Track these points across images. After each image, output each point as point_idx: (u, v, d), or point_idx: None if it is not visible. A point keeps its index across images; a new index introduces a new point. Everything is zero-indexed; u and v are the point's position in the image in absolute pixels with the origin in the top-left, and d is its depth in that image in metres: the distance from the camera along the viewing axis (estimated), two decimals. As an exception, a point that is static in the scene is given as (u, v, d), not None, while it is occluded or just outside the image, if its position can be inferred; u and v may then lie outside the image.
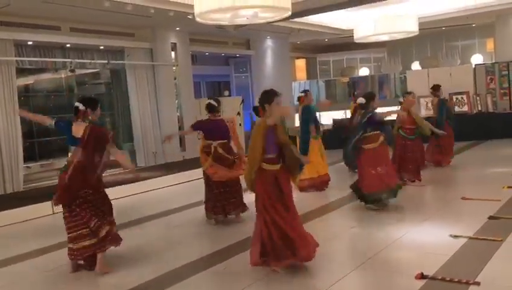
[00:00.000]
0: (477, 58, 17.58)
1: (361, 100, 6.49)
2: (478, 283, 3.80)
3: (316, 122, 8.06)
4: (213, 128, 6.32)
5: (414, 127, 7.71)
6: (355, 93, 10.15)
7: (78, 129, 4.72)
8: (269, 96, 4.42)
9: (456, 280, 3.89)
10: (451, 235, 5.01)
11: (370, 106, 6.39)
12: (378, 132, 6.36)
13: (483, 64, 14.53)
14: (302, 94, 8.10)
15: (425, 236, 5.20)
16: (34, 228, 7.12)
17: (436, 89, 9.44)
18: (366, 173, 6.37)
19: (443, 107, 9.30)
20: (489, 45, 17.71)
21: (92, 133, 4.69)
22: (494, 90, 13.37)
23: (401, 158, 7.62)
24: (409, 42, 16.98)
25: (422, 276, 3.98)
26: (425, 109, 12.92)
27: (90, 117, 4.82)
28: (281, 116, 4.49)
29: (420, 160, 7.98)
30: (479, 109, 13.18)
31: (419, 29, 12.28)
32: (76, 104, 4.82)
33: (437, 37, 18.32)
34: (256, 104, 4.55)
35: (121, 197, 8.70)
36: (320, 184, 8.01)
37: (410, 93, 8.03)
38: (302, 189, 7.60)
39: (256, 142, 4.36)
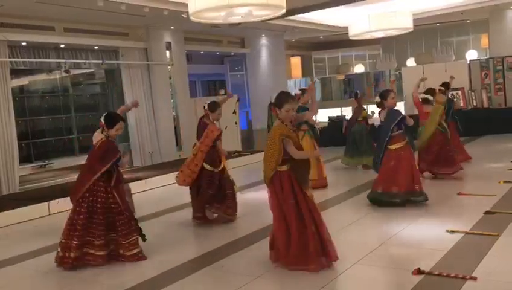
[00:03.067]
0: (471, 54, 17.64)
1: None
2: (475, 278, 3.82)
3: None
4: None
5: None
6: (357, 92, 10.09)
7: (96, 137, 5.03)
8: (281, 101, 4.35)
9: (453, 275, 3.90)
10: (447, 231, 5.03)
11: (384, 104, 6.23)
12: (402, 131, 6.18)
13: (478, 60, 14.58)
14: (299, 92, 8.01)
15: (422, 232, 5.22)
16: (30, 229, 7.09)
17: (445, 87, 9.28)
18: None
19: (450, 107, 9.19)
20: (484, 40, 17.77)
21: (102, 146, 4.95)
22: (489, 85, 13.42)
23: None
24: (404, 39, 17.03)
25: (419, 271, 4.00)
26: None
27: (107, 132, 4.97)
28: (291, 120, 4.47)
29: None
30: (474, 104, 13.23)
31: (414, 26, 12.31)
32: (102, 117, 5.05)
33: (432, 34, 18.38)
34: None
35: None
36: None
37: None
38: None
39: (274, 145, 4.32)
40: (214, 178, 6.22)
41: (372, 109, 9.09)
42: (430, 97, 7.84)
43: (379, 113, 6.40)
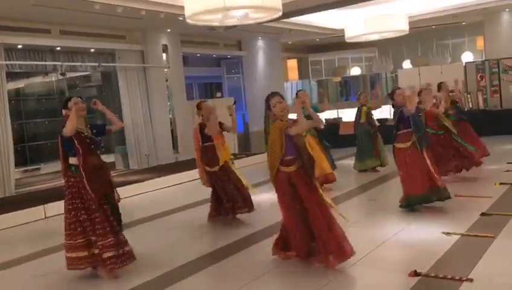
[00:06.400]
0: (467, 56, 17.69)
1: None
2: (471, 280, 3.83)
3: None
4: None
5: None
6: (359, 92, 10.06)
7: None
8: (266, 103, 4.46)
9: (449, 277, 3.91)
10: (443, 233, 5.04)
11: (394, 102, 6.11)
12: (410, 130, 5.92)
13: (474, 62, 14.64)
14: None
15: (418, 234, 5.22)
16: (26, 233, 7.07)
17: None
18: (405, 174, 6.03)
19: None
20: (479, 42, 17.83)
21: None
22: (484, 87, 13.46)
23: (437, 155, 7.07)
24: (400, 41, 17.08)
25: (415, 273, 4.00)
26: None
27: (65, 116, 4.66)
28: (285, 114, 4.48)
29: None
30: (470, 106, 13.26)
31: (410, 28, 12.36)
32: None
33: (427, 36, 18.43)
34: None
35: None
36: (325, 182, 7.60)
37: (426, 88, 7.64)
38: None
39: (276, 143, 4.38)
40: (217, 178, 6.24)
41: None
42: None
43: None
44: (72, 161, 4.66)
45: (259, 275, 4.34)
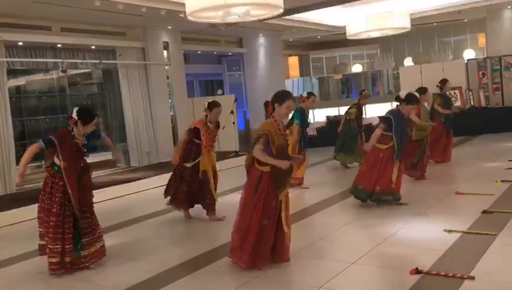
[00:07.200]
0: (469, 54, 17.64)
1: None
2: (472, 278, 3.82)
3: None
4: None
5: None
6: (364, 91, 10.07)
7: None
8: (283, 97, 4.39)
9: (451, 274, 3.90)
10: (445, 230, 5.03)
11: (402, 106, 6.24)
12: (390, 134, 6.15)
13: (475, 59, 14.59)
14: (305, 95, 8.14)
15: (420, 231, 5.21)
16: (27, 230, 7.06)
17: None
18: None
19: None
20: (481, 40, 17.77)
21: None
22: (486, 85, 13.43)
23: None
24: (401, 38, 17.05)
25: (417, 271, 3.99)
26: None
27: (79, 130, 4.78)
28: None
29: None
30: (472, 104, 13.23)
31: (411, 25, 12.33)
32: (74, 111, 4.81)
33: (429, 33, 18.37)
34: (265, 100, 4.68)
35: (114, 197, 8.69)
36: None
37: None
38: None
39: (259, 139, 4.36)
40: (185, 174, 6.36)
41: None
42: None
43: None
44: (57, 160, 4.82)
45: (256, 275, 4.32)
